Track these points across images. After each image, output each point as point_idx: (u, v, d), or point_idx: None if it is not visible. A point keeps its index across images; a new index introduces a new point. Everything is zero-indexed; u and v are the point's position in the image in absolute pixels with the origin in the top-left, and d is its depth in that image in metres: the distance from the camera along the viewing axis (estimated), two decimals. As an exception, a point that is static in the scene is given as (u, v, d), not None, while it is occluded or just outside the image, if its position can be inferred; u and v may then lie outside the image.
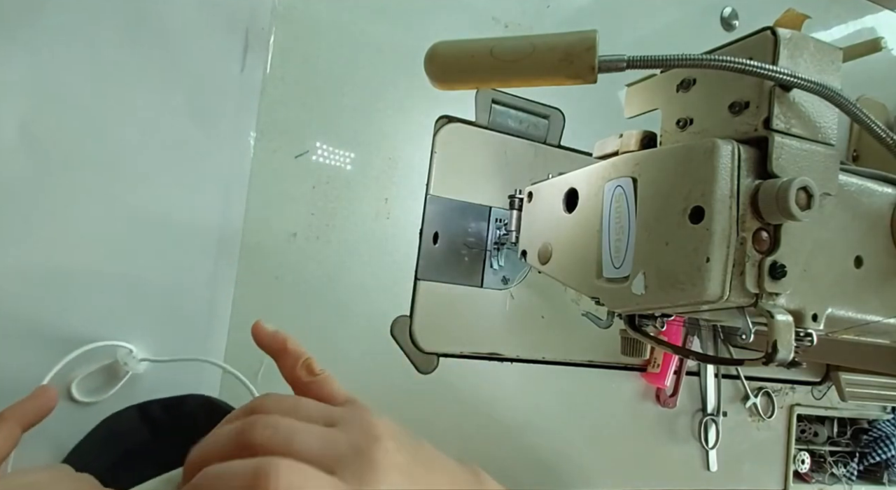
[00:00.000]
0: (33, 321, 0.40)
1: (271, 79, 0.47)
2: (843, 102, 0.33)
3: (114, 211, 0.42)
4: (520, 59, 0.32)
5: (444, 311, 0.53)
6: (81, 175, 0.41)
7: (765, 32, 0.33)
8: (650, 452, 0.62)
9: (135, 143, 0.43)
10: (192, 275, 0.44)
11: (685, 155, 0.33)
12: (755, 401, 0.67)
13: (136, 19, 0.43)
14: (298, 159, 0.48)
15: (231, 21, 0.45)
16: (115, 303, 0.42)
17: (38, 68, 0.40)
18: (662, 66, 0.33)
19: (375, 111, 0.50)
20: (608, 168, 0.39)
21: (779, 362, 0.31)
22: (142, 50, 0.43)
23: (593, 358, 0.60)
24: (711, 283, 0.31)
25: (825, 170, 0.34)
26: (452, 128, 0.54)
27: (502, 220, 0.55)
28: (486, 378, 0.54)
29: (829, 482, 0.72)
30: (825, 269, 0.35)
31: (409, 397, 0.51)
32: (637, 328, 0.41)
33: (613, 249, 0.38)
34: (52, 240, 0.40)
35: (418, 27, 0.52)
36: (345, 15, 0.49)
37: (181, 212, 0.44)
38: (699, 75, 0.37)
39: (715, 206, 0.31)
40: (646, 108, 0.41)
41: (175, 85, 0.44)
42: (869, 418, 0.75)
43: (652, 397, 0.62)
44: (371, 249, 0.50)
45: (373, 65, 0.50)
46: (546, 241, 0.46)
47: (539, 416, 0.57)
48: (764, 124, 0.32)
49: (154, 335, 0.43)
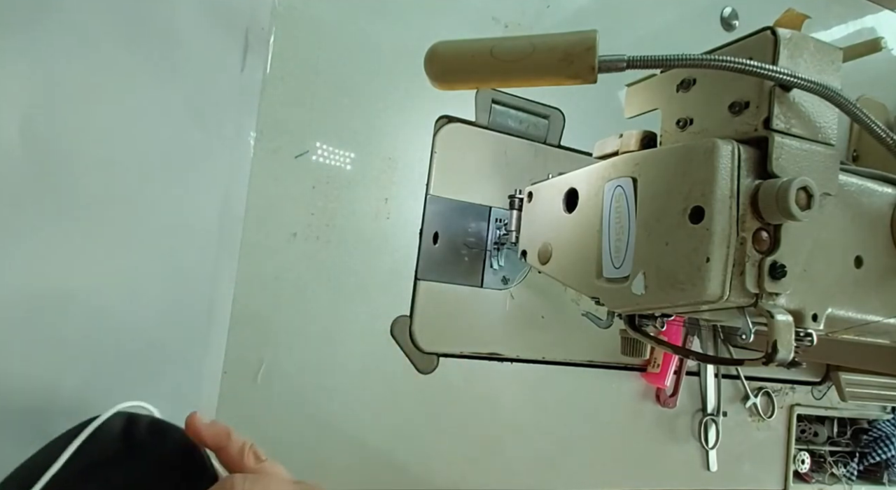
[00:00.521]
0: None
1: (271, 79, 0.47)
2: (843, 102, 0.32)
3: (113, 211, 0.42)
4: (520, 59, 0.32)
5: (444, 311, 0.53)
6: (81, 175, 0.41)
7: (765, 32, 0.33)
8: (650, 452, 0.62)
9: (135, 143, 0.42)
10: (191, 275, 0.44)
11: (685, 155, 0.33)
12: (755, 401, 0.67)
13: (137, 19, 0.43)
14: (298, 159, 0.48)
15: (231, 21, 0.45)
16: (115, 302, 0.42)
17: (38, 68, 0.40)
18: (662, 66, 0.33)
19: (375, 111, 0.50)
20: (608, 168, 0.39)
21: (779, 362, 0.31)
22: (142, 50, 0.43)
23: (593, 358, 0.60)
24: (711, 283, 0.31)
25: (825, 170, 0.34)
26: (452, 128, 0.54)
27: (502, 220, 0.55)
28: (486, 378, 0.54)
29: (829, 482, 0.72)
30: (825, 269, 0.35)
31: (409, 397, 0.51)
32: (637, 328, 0.41)
33: (613, 249, 0.38)
34: (52, 239, 0.40)
35: (418, 27, 0.52)
36: (345, 15, 0.49)
37: (181, 211, 0.44)
38: (699, 75, 0.37)
39: (715, 206, 0.31)
40: (646, 108, 0.41)
41: (175, 85, 0.44)
42: (869, 418, 0.75)
43: (652, 397, 0.62)
44: (371, 249, 0.50)
45: (373, 65, 0.50)
46: (546, 241, 0.46)
47: (539, 416, 0.57)
48: (764, 124, 0.32)
49: (154, 335, 0.43)
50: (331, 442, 0.48)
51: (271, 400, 0.46)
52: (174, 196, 0.44)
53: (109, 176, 0.42)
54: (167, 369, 0.43)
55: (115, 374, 0.42)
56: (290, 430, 0.47)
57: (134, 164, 0.42)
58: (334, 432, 0.48)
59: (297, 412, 0.47)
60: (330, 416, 0.48)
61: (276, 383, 0.46)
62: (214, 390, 0.44)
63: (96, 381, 0.41)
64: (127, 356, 0.42)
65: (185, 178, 0.44)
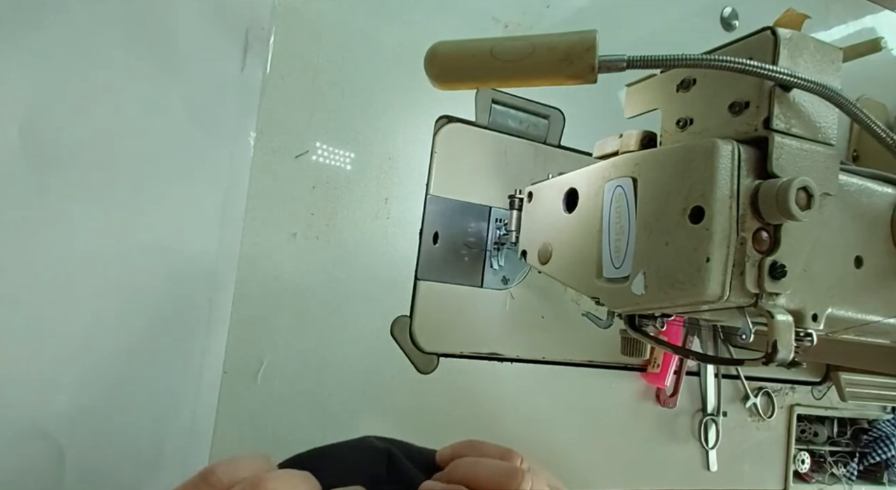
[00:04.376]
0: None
1: (271, 79, 0.47)
2: (843, 102, 0.32)
3: (113, 210, 0.42)
4: (520, 60, 0.32)
5: (444, 311, 0.53)
6: (80, 175, 0.41)
7: (765, 32, 0.33)
8: (650, 452, 0.62)
9: (134, 143, 0.42)
10: (191, 274, 0.44)
11: (685, 155, 0.33)
12: (755, 401, 0.67)
13: (137, 20, 0.43)
14: (298, 159, 0.48)
15: (231, 21, 0.45)
16: (115, 302, 0.42)
17: (38, 68, 0.40)
18: (662, 66, 0.33)
19: (375, 111, 0.50)
20: (608, 168, 0.39)
21: (779, 362, 0.31)
22: (142, 50, 0.43)
23: (593, 358, 0.60)
24: (711, 283, 0.31)
25: (825, 170, 0.33)
26: (452, 128, 0.54)
27: (502, 220, 0.55)
28: (486, 378, 0.54)
29: (829, 482, 0.72)
30: (825, 269, 0.35)
31: (409, 397, 0.51)
32: (637, 328, 0.41)
33: (613, 249, 0.38)
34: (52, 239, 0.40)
35: (418, 27, 0.52)
36: (345, 15, 0.49)
37: (181, 211, 0.44)
38: (699, 75, 0.37)
39: (715, 206, 0.31)
40: (646, 108, 0.41)
41: (175, 85, 0.44)
42: (869, 418, 0.75)
43: (652, 397, 0.62)
44: (371, 249, 0.50)
45: (373, 65, 0.50)
46: (546, 241, 0.46)
47: (539, 416, 0.57)
48: (764, 124, 0.32)
49: (154, 336, 0.43)
50: (331, 442, 0.48)
51: (271, 400, 0.46)
52: (174, 196, 0.44)
53: (109, 176, 0.42)
54: (167, 369, 0.43)
55: (115, 373, 0.42)
56: (290, 429, 0.47)
57: (134, 164, 0.42)
58: (334, 432, 0.48)
59: (297, 412, 0.47)
60: (330, 417, 0.48)
61: (276, 383, 0.46)
62: (214, 390, 0.44)
63: (95, 381, 0.41)
64: (126, 355, 0.42)
65: (185, 178, 0.44)
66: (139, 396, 0.42)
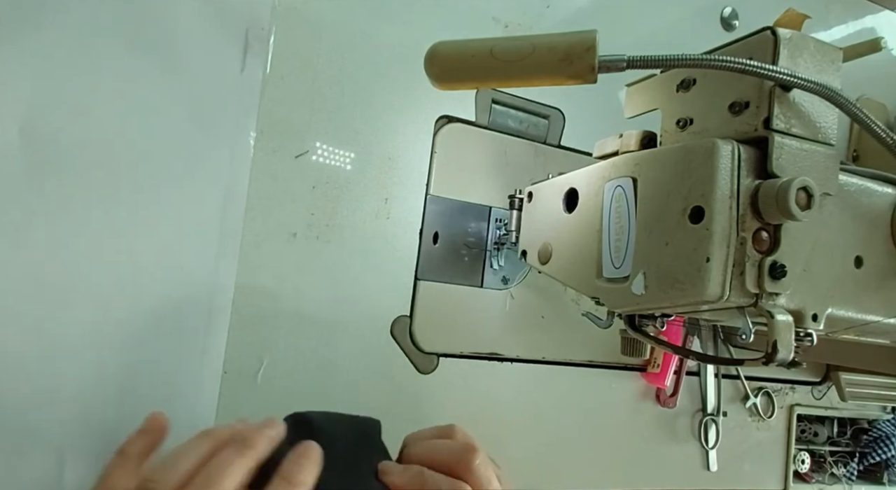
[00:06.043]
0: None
1: (271, 79, 0.47)
2: (843, 102, 0.32)
3: (113, 211, 0.42)
4: (520, 59, 0.32)
5: (444, 311, 0.53)
6: (80, 175, 0.41)
7: (765, 32, 0.33)
8: (650, 452, 0.62)
9: (134, 143, 0.42)
10: (191, 274, 0.44)
11: (685, 155, 0.33)
12: (755, 401, 0.67)
13: (136, 19, 0.43)
14: (298, 159, 0.48)
15: (231, 21, 0.45)
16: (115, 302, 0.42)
17: (38, 68, 0.40)
18: (662, 66, 0.33)
19: (375, 111, 0.50)
20: (608, 168, 0.39)
21: (779, 362, 0.31)
22: (142, 50, 0.43)
23: (593, 358, 0.60)
24: (711, 283, 0.31)
25: (825, 170, 0.34)
26: (452, 128, 0.54)
27: (502, 220, 0.55)
28: (486, 378, 0.54)
29: (829, 482, 0.72)
30: (825, 269, 0.35)
31: (409, 397, 0.51)
32: (637, 328, 0.41)
33: (613, 249, 0.38)
34: (51, 240, 0.40)
35: (418, 27, 0.52)
36: (345, 15, 0.49)
37: (181, 211, 0.44)
38: (699, 75, 0.37)
39: (715, 206, 0.31)
40: (646, 108, 0.41)
41: (175, 85, 0.44)
42: (869, 418, 0.75)
43: (652, 397, 0.62)
44: (371, 249, 0.50)
45: (373, 65, 0.50)
46: (546, 241, 0.46)
47: (539, 416, 0.57)
48: (764, 124, 0.32)
49: (153, 336, 0.43)
50: (331, 442, 0.48)
51: (271, 400, 0.46)
52: (174, 196, 0.44)
53: (109, 176, 0.42)
54: (167, 369, 0.43)
55: (115, 373, 0.42)
56: (290, 430, 0.47)
57: (134, 164, 0.42)
58: (334, 432, 0.48)
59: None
60: (330, 416, 0.48)
61: (276, 383, 0.46)
62: (214, 390, 0.44)
63: (95, 381, 0.41)
64: (126, 355, 0.42)
65: (184, 178, 0.44)
66: (139, 396, 0.42)
